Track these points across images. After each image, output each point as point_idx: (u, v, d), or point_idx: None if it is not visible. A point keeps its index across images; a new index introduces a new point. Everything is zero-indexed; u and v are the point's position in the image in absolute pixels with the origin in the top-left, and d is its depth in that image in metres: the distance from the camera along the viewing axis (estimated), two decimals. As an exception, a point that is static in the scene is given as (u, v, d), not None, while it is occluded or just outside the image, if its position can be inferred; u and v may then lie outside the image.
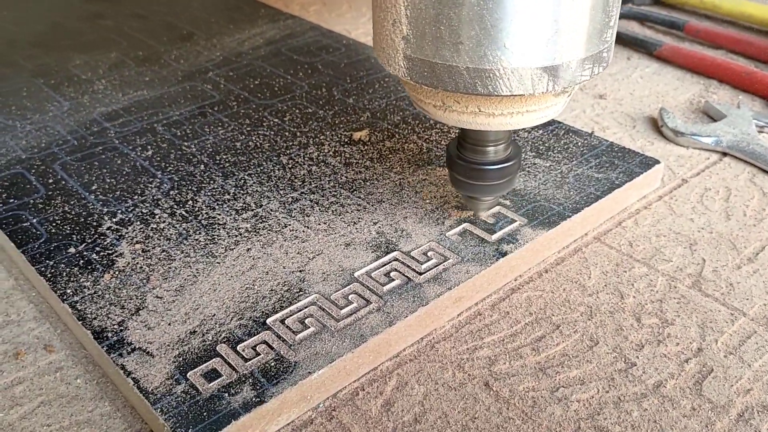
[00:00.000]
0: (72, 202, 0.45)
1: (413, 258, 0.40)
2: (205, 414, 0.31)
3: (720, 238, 0.44)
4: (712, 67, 0.63)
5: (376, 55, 0.36)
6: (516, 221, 0.42)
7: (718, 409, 0.33)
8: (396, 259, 0.40)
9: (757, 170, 0.50)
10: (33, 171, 0.48)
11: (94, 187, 0.46)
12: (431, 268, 0.39)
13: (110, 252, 0.41)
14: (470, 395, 0.34)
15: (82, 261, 0.40)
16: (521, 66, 0.32)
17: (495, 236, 0.41)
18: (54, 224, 0.43)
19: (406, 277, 0.38)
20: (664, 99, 0.60)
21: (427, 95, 0.36)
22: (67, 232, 0.42)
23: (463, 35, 0.31)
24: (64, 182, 0.47)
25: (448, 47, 0.32)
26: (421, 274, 0.39)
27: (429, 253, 0.40)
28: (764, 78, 0.59)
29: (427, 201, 0.44)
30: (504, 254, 0.40)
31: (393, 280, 0.38)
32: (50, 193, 0.46)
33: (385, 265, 0.39)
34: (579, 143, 0.50)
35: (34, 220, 0.43)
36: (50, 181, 0.47)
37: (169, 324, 0.36)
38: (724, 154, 0.53)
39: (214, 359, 0.34)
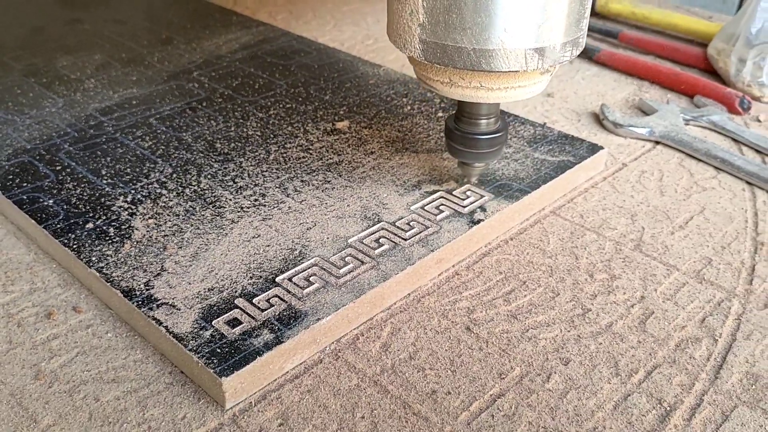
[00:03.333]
0: (83, 185, 0.49)
1: (398, 227, 0.46)
2: (232, 352, 0.36)
3: (656, 210, 0.51)
4: (644, 69, 0.71)
5: (392, 40, 0.43)
6: (484, 196, 0.49)
7: (659, 341, 0.40)
8: (383, 228, 0.45)
9: (684, 156, 0.58)
10: (40, 159, 0.52)
11: (102, 173, 0.50)
12: (415, 235, 0.45)
13: (126, 226, 0.45)
14: (454, 337, 0.40)
15: (101, 234, 0.44)
16: (517, 47, 0.39)
17: (467, 209, 0.47)
18: (70, 204, 0.47)
19: (393, 242, 0.44)
20: (603, 97, 0.68)
21: (436, 73, 0.43)
22: (83, 210, 0.46)
23: (471, 22, 0.38)
24: (71, 168, 0.51)
25: (458, 32, 0.39)
26: (406, 240, 0.44)
27: (411, 223, 0.46)
28: (689, 79, 0.68)
29: (405, 180, 0.50)
30: (476, 223, 0.46)
31: (382, 245, 0.44)
32: (61, 178, 0.50)
33: (374, 233, 0.45)
34: (534, 132, 0.57)
35: (51, 201, 0.47)
36: (58, 167, 0.51)
37: (190, 283, 0.40)
38: (657, 142, 0.60)
39: (234, 310, 0.39)
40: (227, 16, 0.83)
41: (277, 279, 0.41)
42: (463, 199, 0.48)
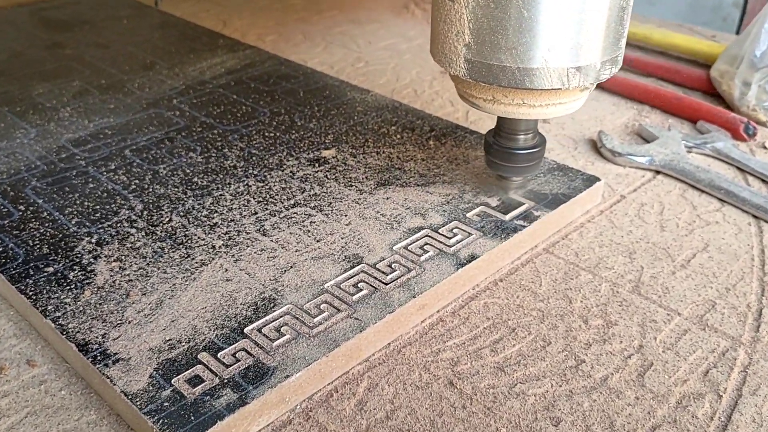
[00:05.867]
0: (47, 225, 0.46)
1: (378, 270, 0.43)
2: (191, 416, 0.33)
3: (656, 247, 0.48)
4: (644, 93, 0.68)
5: (436, 59, 0.44)
6: (472, 234, 0.46)
7: (658, 398, 0.37)
8: (363, 271, 0.42)
9: (686, 186, 0.55)
10: (4, 196, 0.49)
11: (68, 210, 0.48)
12: (396, 279, 0.42)
13: (88, 270, 0.42)
14: (436, 393, 0.37)
15: (61, 279, 0.41)
16: (560, 66, 0.40)
17: (453, 248, 0.44)
18: (31, 245, 0.44)
19: (373, 287, 0.41)
20: (601, 123, 0.65)
21: (479, 91, 0.44)
22: (45, 252, 0.44)
23: (516, 42, 0.40)
24: (37, 206, 0.48)
25: (503, 51, 0.40)
26: (386, 284, 0.41)
27: (393, 265, 0.43)
28: (692, 103, 0.65)
29: (390, 215, 0.47)
30: (462, 265, 0.43)
31: (361, 290, 0.41)
32: (24, 216, 0.47)
33: (352, 276, 0.42)
34: (527, 163, 0.54)
35: (11, 243, 0.44)
36: (23, 204, 0.48)
37: (151, 335, 0.38)
38: (657, 172, 0.57)
39: (196, 366, 0.36)
40: (214, 39, 0.80)
41: (245, 330, 0.38)
42: (449, 237, 0.45)
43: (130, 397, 0.34)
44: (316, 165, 0.54)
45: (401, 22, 0.93)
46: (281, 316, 0.39)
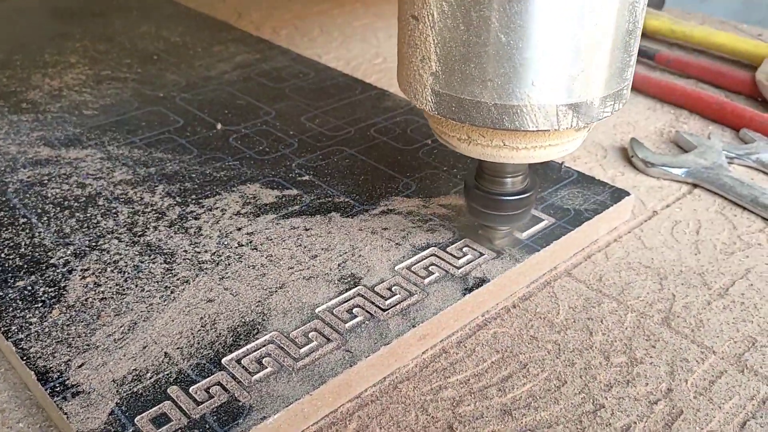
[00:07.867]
0: (24, 232, 0.43)
1: (377, 293, 0.38)
2: (151, 463, 0.29)
3: (690, 272, 0.43)
4: (682, 96, 0.63)
5: (402, 89, 0.37)
6: (483, 254, 0.41)
7: (687, 453, 0.32)
8: (359, 294, 0.38)
9: (727, 202, 0.50)
10: (-16, 198, 0.46)
11: (48, 216, 0.44)
12: (395, 304, 0.38)
13: (61, 285, 0.39)
14: (433, 439, 0.33)
15: (30, 295, 0.38)
16: (547, 103, 0.32)
17: (461, 271, 0.40)
18: (3, 256, 0.41)
19: (369, 313, 0.37)
20: (634, 128, 0.60)
21: (452, 129, 0.36)
22: (17, 264, 0.40)
23: (492, 73, 0.32)
24: (16, 211, 0.45)
25: (476, 84, 0.33)
26: (384, 310, 0.37)
27: (393, 288, 0.39)
28: (735, 109, 0.59)
29: (394, 230, 0.43)
30: (470, 290, 0.39)
31: (355, 316, 0.37)
32: (1, 221, 0.44)
33: (347, 300, 0.38)
34: (548, 174, 0.49)
35: (-18, 252, 0.41)
36: (2, 209, 0.45)
37: (117, 364, 0.34)
38: (695, 185, 0.52)
39: (164, 402, 0.32)
40: (225, 32, 0.77)
41: (222, 360, 0.34)
42: (458, 258, 0.41)
43: (86, 437, 0.30)
44: (320, 170, 0.50)
45: (425, 16, 0.88)
46: (264, 345, 0.35)
